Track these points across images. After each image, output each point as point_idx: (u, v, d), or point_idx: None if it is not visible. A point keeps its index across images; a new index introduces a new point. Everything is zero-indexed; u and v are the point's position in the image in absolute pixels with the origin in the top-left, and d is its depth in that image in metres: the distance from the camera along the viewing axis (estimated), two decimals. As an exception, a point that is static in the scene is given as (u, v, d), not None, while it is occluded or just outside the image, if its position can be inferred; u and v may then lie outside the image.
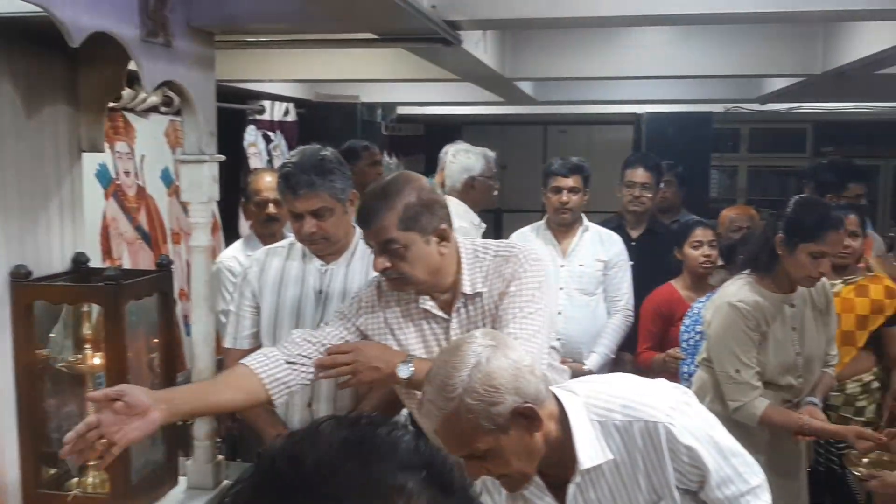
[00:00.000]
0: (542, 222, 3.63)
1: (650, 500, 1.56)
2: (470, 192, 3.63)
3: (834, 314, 2.85)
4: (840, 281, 3.13)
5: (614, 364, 3.51)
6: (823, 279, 2.83)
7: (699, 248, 3.41)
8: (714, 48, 4.15)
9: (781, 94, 5.31)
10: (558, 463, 1.54)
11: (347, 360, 1.91)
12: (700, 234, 3.43)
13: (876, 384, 3.16)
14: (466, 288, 1.96)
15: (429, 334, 2.02)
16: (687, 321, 3.30)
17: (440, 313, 2.00)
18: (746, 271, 2.74)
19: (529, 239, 3.55)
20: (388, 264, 1.89)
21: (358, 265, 2.34)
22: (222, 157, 2.34)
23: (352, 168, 2.43)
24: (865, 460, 2.48)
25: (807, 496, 2.90)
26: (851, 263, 3.16)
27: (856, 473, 2.48)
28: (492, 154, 3.79)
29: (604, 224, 3.78)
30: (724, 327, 2.65)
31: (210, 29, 2.26)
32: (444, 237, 1.92)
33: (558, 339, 2.39)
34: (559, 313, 3.38)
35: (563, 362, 2.40)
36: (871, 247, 3.88)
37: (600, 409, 1.54)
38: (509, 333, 1.86)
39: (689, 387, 2.92)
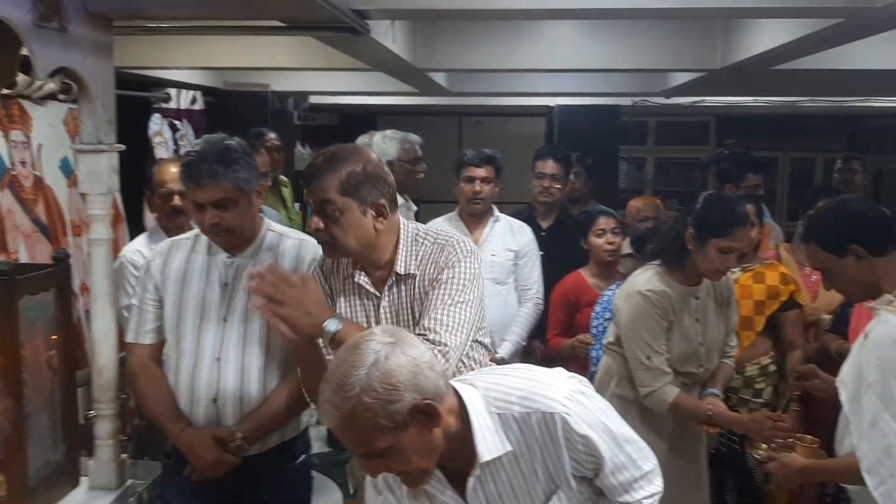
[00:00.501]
0: (454, 213, 3.66)
1: (548, 488, 1.59)
2: None
3: (734, 307, 2.96)
4: (739, 268, 3.25)
5: (525, 352, 3.57)
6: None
7: (602, 236, 3.49)
8: (620, 43, 4.25)
9: (685, 88, 5.48)
10: (458, 456, 1.55)
11: (288, 292, 1.85)
12: (603, 222, 3.51)
13: (773, 367, 3.31)
14: (399, 268, 2.00)
15: (360, 310, 2.05)
16: (597, 308, 3.38)
17: (373, 290, 2.03)
18: (656, 262, 2.82)
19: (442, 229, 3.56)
20: (321, 225, 1.94)
21: (265, 257, 2.30)
22: (122, 147, 2.27)
23: None
24: (767, 445, 2.58)
25: (708, 479, 3.01)
26: (749, 251, 3.28)
27: (755, 456, 2.58)
28: (414, 139, 3.80)
29: (515, 215, 3.83)
30: (635, 315, 2.73)
31: (108, 14, 2.19)
32: (381, 212, 1.95)
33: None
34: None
35: None
36: (770, 235, 4.06)
37: (499, 401, 1.56)
38: (435, 319, 1.89)
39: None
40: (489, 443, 1.53)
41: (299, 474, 2.49)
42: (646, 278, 2.77)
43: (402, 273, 2.00)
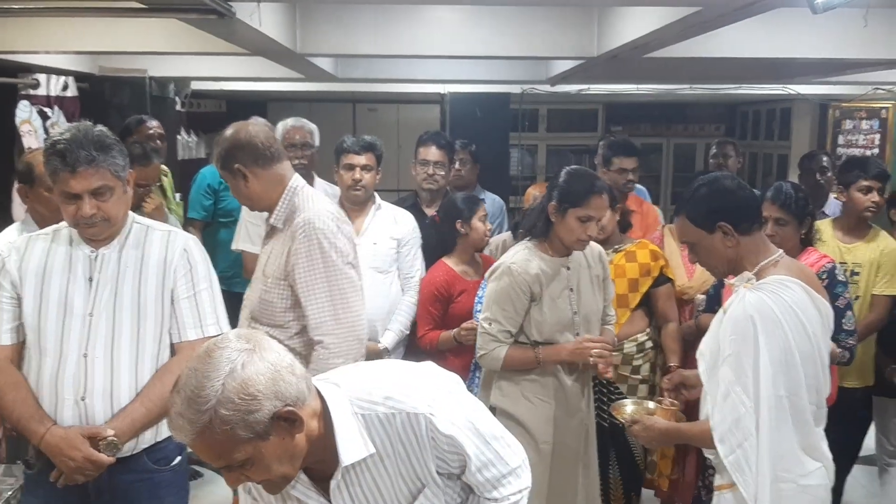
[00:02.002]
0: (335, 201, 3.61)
1: (414, 488, 1.57)
2: None
3: (611, 281, 3.11)
4: (611, 250, 3.36)
5: (409, 341, 3.55)
6: (601, 250, 3.05)
7: (486, 221, 3.46)
8: (504, 30, 4.28)
9: (567, 75, 5.57)
10: (323, 459, 1.51)
11: None
12: (485, 207, 3.49)
13: (650, 344, 3.43)
14: (272, 219, 2.59)
15: (265, 248, 2.66)
16: (480, 292, 3.40)
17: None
18: (528, 238, 2.94)
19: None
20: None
21: (131, 249, 2.23)
22: (-26, 136, 2.14)
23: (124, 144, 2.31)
24: (630, 409, 2.67)
25: (596, 456, 3.11)
26: (610, 235, 3.38)
27: (621, 420, 2.66)
28: (287, 125, 3.73)
29: (399, 202, 3.81)
30: (497, 287, 2.85)
31: (-51, -7, 2.06)
32: (244, 176, 2.51)
33: None
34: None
35: None
36: (654, 217, 4.21)
37: (364, 401, 1.52)
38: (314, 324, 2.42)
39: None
40: (351, 446, 1.49)
41: (175, 478, 2.36)
42: (513, 253, 2.90)
43: (273, 224, 2.57)
